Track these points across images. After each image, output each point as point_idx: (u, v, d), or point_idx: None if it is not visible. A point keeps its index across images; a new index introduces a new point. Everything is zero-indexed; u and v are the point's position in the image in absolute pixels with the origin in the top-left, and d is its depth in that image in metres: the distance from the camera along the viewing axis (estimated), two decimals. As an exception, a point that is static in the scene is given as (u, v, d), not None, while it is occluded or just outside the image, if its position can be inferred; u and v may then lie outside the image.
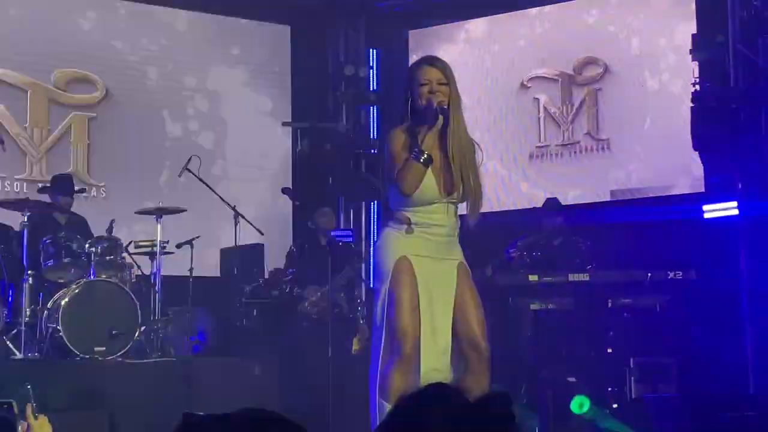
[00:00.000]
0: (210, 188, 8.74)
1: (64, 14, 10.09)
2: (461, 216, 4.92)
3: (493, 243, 8.23)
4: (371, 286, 7.15)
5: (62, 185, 8.55)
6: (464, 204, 4.89)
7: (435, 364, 4.75)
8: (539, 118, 10.38)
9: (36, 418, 3.21)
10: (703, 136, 8.54)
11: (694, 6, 9.50)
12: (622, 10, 10.05)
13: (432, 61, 4.91)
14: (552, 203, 8.98)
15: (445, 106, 4.73)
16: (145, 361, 7.56)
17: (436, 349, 4.76)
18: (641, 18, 9.90)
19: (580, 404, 6.93)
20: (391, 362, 4.70)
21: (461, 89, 4.91)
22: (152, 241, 8.27)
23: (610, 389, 7.40)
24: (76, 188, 8.66)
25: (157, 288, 8.13)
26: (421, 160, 4.69)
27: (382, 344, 4.76)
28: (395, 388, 4.68)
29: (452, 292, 4.81)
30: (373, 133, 11.35)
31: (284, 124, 10.96)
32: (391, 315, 4.71)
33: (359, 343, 8.65)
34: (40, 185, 8.98)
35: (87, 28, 10.15)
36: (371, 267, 7.16)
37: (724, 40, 8.57)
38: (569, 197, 9.78)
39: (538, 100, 10.40)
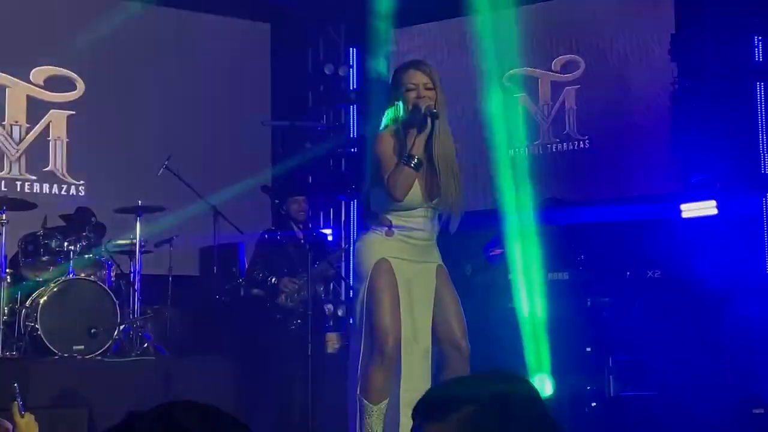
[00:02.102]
0: (189, 186, 8.72)
1: (43, 11, 10.03)
2: (441, 217, 4.93)
3: (473, 242, 8.24)
4: (351, 285, 7.13)
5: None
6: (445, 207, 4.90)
7: (416, 365, 4.77)
8: (519, 117, 10.37)
9: (22, 416, 3.17)
10: (682, 136, 8.58)
11: (672, 6, 9.53)
12: (603, 9, 10.06)
13: (419, 65, 4.88)
14: (555, 201, 8.93)
15: (434, 110, 4.71)
16: (124, 359, 7.53)
17: (417, 350, 4.77)
18: (622, 17, 9.91)
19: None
20: (372, 361, 4.70)
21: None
22: (131, 239, 8.25)
23: (589, 388, 7.43)
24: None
25: (136, 286, 8.10)
26: (413, 165, 4.67)
27: (362, 344, 4.76)
28: (376, 388, 4.69)
29: (431, 293, 4.83)
30: (353, 132, 11.33)
31: (264, 122, 10.93)
32: (372, 315, 4.71)
33: (340, 340, 8.62)
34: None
35: (66, 25, 10.09)
36: (351, 267, 7.12)
37: (702, 41, 8.61)
38: (548, 196, 9.78)
39: (517, 98, 10.40)
